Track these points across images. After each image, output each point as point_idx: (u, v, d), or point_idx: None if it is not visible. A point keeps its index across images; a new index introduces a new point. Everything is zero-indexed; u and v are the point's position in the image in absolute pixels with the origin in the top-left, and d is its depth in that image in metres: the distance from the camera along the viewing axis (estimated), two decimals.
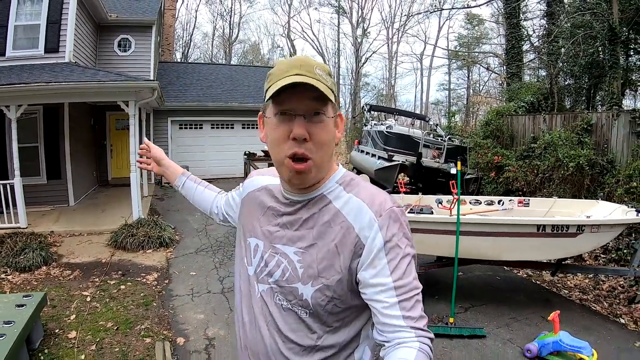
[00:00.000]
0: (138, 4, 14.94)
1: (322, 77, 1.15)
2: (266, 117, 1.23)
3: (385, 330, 1.11)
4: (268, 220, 1.33)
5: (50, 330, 4.68)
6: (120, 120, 14.12)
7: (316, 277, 1.18)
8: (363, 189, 1.26)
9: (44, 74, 8.96)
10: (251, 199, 1.45)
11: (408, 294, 1.11)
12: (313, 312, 1.20)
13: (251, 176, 1.54)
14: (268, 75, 1.21)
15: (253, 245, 1.35)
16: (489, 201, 6.85)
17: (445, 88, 37.38)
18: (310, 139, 1.15)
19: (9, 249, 6.99)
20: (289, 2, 38.85)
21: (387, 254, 1.13)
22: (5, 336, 3.51)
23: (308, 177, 1.19)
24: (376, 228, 1.15)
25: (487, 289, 6.29)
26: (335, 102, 1.23)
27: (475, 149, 11.47)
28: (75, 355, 4.22)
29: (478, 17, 27.89)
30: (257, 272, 1.31)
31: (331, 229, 1.20)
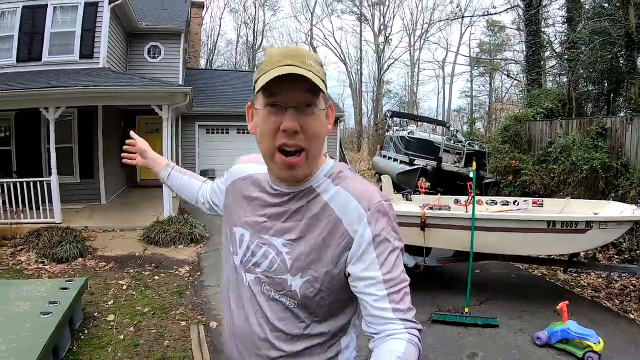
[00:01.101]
0: (167, 12, 15.50)
1: (314, 67, 1.11)
2: (255, 108, 1.19)
3: (374, 323, 1.12)
4: (254, 210, 1.31)
5: (90, 314, 5.04)
6: (149, 123, 14.60)
7: (305, 269, 1.18)
8: (351, 181, 1.24)
9: (80, 79, 9.47)
10: (236, 188, 1.42)
11: (397, 287, 1.13)
12: (301, 303, 1.20)
13: (237, 162, 1.50)
14: (257, 65, 1.18)
15: (238, 234, 1.33)
16: (504, 201, 7.06)
17: (467, 95, 37.26)
18: (302, 130, 1.12)
19: (46, 242, 7.44)
20: (312, 10, 39.35)
21: (376, 247, 1.14)
22: (52, 314, 3.84)
23: (299, 170, 1.17)
24: (365, 222, 1.15)
25: (502, 285, 6.51)
26: (326, 93, 1.20)
27: (494, 153, 11.67)
28: (115, 336, 4.56)
29: (499, 24, 27.81)
30: (243, 261, 1.30)
31: (319, 222, 1.19)
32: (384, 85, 37.65)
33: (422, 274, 6.03)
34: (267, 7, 39.54)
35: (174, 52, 14.70)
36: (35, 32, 10.53)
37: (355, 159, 25.13)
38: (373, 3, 36.64)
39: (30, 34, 10.54)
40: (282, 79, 1.07)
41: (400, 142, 13.98)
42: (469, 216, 5.40)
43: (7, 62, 10.46)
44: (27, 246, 7.50)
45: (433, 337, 4.76)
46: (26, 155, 10.65)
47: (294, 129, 1.10)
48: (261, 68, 1.13)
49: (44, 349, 3.28)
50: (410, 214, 5.96)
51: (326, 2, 39.20)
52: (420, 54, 38.11)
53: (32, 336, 3.43)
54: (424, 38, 36.56)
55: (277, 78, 1.07)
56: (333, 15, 40.32)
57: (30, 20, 10.53)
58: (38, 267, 6.79)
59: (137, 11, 13.73)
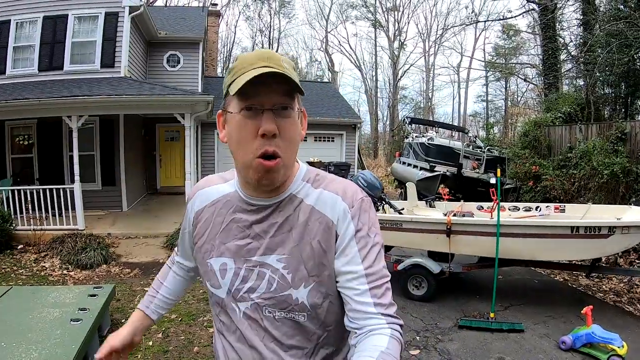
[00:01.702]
0: (185, 22, 15.73)
1: (289, 70, 1.07)
2: (229, 112, 1.13)
3: (357, 318, 1.11)
4: (232, 234, 1.23)
5: (117, 320, 5.10)
6: (168, 131, 14.80)
7: (307, 278, 1.15)
8: (331, 181, 1.24)
9: (102, 87, 9.63)
10: (205, 217, 1.30)
11: (379, 282, 1.12)
12: (311, 314, 1.17)
13: (198, 189, 1.36)
14: (229, 69, 1.13)
15: (217, 265, 1.24)
16: (527, 207, 7.05)
17: (483, 100, 37.10)
18: (279, 134, 1.08)
19: (70, 248, 7.57)
20: (327, 17, 39.49)
21: (357, 242, 1.14)
22: (82, 321, 3.89)
23: (278, 175, 1.12)
24: (349, 218, 1.16)
25: (525, 291, 6.48)
26: (300, 99, 1.17)
27: (514, 159, 11.61)
28: (143, 342, 4.58)
29: (514, 28, 27.67)
30: (232, 292, 1.22)
31: (309, 227, 1.17)
32: (399, 91, 37.62)
33: (447, 279, 6.07)
34: (282, 14, 39.74)
35: (193, 61, 14.88)
36: (57, 42, 10.76)
37: (372, 165, 25.07)
38: (387, 9, 36.73)
39: (51, 43, 10.77)
40: (259, 81, 1.03)
41: (420, 148, 13.93)
42: (494, 222, 5.41)
43: (29, 71, 10.70)
44: (51, 252, 7.64)
45: (460, 342, 4.77)
46: (48, 163, 10.87)
47: (273, 132, 1.06)
48: (234, 72, 1.09)
49: (76, 355, 3.32)
50: (436, 221, 5.99)
51: (341, 9, 39.65)
52: (435, 60, 38.13)
53: (64, 343, 3.48)
54: (438, 43, 36.54)
55: (253, 81, 1.02)
56: (348, 21, 40.67)
57: (52, 30, 10.76)
58: (62, 273, 6.90)
59: (157, 21, 13.94)
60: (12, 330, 3.70)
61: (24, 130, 10.88)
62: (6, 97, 8.89)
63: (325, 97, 19.20)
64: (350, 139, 17.68)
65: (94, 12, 10.86)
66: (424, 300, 5.86)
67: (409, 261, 5.93)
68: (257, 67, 1.04)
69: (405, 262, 5.93)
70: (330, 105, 18.24)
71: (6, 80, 10.54)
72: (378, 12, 37.04)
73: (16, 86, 10.02)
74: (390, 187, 17.36)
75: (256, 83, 1.03)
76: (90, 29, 10.94)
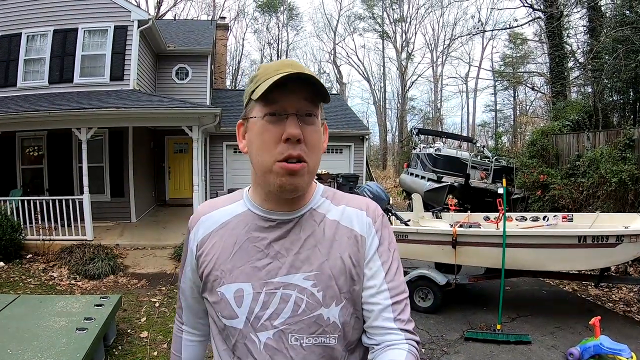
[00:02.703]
0: (194, 35, 15.92)
1: (314, 74, 1.05)
2: (251, 119, 1.10)
3: (376, 333, 1.10)
4: (247, 256, 1.13)
5: (123, 331, 5.12)
6: (177, 144, 14.92)
7: (338, 295, 1.10)
8: (352, 199, 1.23)
9: (111, 100, 9.74)
10: (213, 242, 1.18)
11: (400, 297, 1.12)
12: (341, 335, 1.11)
13: (195, 223, 1.24)
14: (252, 77, 1.12)
15: (231, 293, 1.12)
16: (534, 217, 7.01)
17: (491, 109, 36.98)
18: (304, 140, 1.04)
19: (78, 258, 7.63)
20: (334, 29, 39.74)
21: (380, 256, 1.14)
22: (87, 330, 3.92)
23: (302, 181, 1.07)
24: (373, 232, 1.16)
25: (533, 301, 6.42)
26: (323, 109, 1.15)
27: (522, 168, 11.56)
28: (148, 352, 4.62)
29: (521, 37, 27.63)
30: (251, 320, 1.10)
31: (337, 242, 1.13)
32: (407, 102, 37.65)
33: (452, 291, 6.03)
34: (290, 27, 40.08)
35: (201, 74, 15.01)
36: (67, 55, 10.93)
37: (380, 176, 25.05)
38: (395, 20, 36.89)
39: (61, 56, 10.95)
40: (282, 86, 1.01)
41: (428, 159, 13.93)
42: (500, 233, 5.37)
43: (40, 83, 10.87)
44: (60, 262, 7.70)
45: (466, 354, 4.73)
46: (58, 174, 11.01)
47: (298, 136, 1.02)
48: (257, 79, 1.07)
49: None
50: (442, 232, 5.97)
51: (348, 21, 39.72)
52: (443, 70, 38.11)
53: (69, 351, 3.51)
54: (446, 54, 36.53)
55: (277, 84, 1.00)
56: (355, 33, 40.69)
57: (62, 43, 10.95)
58: (70, 283, 6.95)
59: (165, 34, 14.13)
60: (19, 338, 3.75)
61: (35, 141, 11.08)
62: (17, 109, 9.06)
63: (333, 108, 19.25)
64: (359, 151, 17.70)
65: (104, 25, 11.04)
66: (430, 312, 5.84)
67: (415, 273, 5.90)
68: (282, 72, 1.01)
69: (411, 274, 5.89)
70: (338, 117, 18.29)
71: (17, 92, 10.71)
72: (385, 24, 37.31)
73: (27, 98, 10.17)
74: (399, 198, 17.34)
75: (280, 88, 1.01)
76: (100, 43, 11.12)
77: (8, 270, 7.48)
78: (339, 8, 50.55)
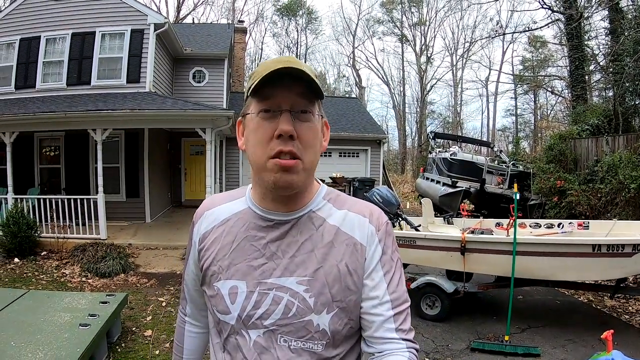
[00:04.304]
0: (211, 38, 16.09)
1: (309, 70, 1.04)
2: (247, 115, 1.10)
3: (376, 342, 1.08)
4: (244, 254, 1.13)
5: (128, 328, 5.19)
6: (194, 146, 15.06)
7: (330, 303, 1.08)
8: (355, 203, 1.20)
9: (127, 102, 9.91)
10: (214, 238, 1.20)
11: (401, 307, 1.10)
12: (330, 342, 1.09)
13: (199, 216, 1.27)
14: (250, 75, 1.10)
15: (226, 289, 1.13)
16: (548, 224, 6.77)
17: (511, 114, 36.53)
18: (297, 138, 1.03)
19: (91, 257, 7.79)
20: (353, 33, 39.75)
21: (383, 266, 1.12)
22: (90, 326, 3.98)
23: (296, 177, 1.05)
24: (376, 241, 1.13)
25: (545, 312, 6.21)
26: (321, 106, 1.14)
27: (539, 174, 11.37)
28: (150, 350, 4.66)
29: (541, 39, 27.22)
30: (242, 318, 1.11)
31: (335, 249, 1.11)
32: (427, 106, 37.51)
33: (462, 299, 5.87)
34: (309, 30, 40.25)
35: (218, 77, 15.17)
36: (84, 58, 11.20)
37: (399, 181, 24.92)
38: (414, 24, 36.77)
39: (79, 59, 11.22)
40: (277, 81, 1.01)
41: (443, 163, 13.79)
42: (510, 240, 5.20)
43: (58, 85, 11.18)
44: (72, 260, 7.88)
45: None
46: (75, 173, 11.28)
47: (290, 133, 1.01)
48: (254, 76, 1.05)
49: (79, 358, 3.41)
50: (450, 238, 5.80)
51: (367, 25, 39.68)
52: (463, 73, 37.89)
53: (70, 346, 3.57)
54: (466, 57, 36.29)
55: (270, 78, 1.00)
56: (374, 37, 40.65)
57: (80, 46, 11.22)
58: (81, 280, 7.08)
59: (183, 38, 14.34)
60: (23, 331, 3.83)
61: (52, 141, 11.39)
62: (35, 110, 9.29)
63: (350, 112, 19.25)
64: (375, 155, 17.66)
65: (121, 29, 11.26)
66: (438, 320, 5.69)
67: (422, 279, 5.77)
68: (276, 68, 1.00)
69: (418, 281, 5.78)
70: (355, 121, 18.29)
71: (36, 94, 11.03)
72: (404, 27, 37.29)
73: (45, 99, 10.47)
74: (416, 203, 17.21)
75: (274, 84, 1.02)
76: (117, 46, 11.35)
77: (22, 266, 7.68)
78: (358, 12, 50.66)
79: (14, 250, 8.12)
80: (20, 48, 11.33)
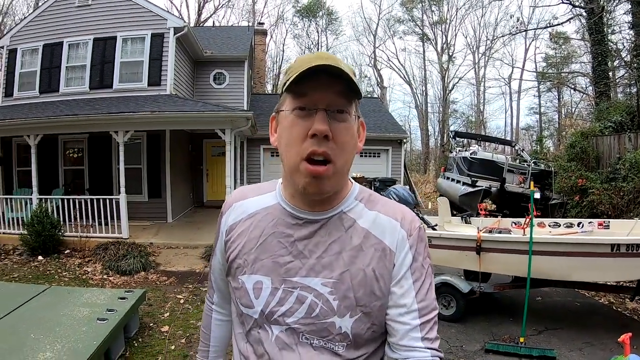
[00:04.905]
0: (231, 41, 16.34)
1: (348, 69, 1.01)
2: (281, 112, 1.07)
3: (401, 349, 1.06)
4: (270, 249, 1.12)
5: (145, 324, 5.32)
6: (215, 147, 15.26)
7: (354, 307, 1.07)
8: (386, 204, 1.16)
9: (148, 104, 10.13)
10: (241, 231, 1.19)
11: (429, 316, 1.08)
12: (351, 344, 1.08)
13: (227, 208, 1.26)
14: (286, 70, 1.07)
15: (251, 284, 1.13)
16: (568, 224, 6.59)
17: (535, 112, 35.92)
18: (332, 138, 1.00)
19: (112, 255, 8.00)
20: (374, 33, 39.70)
21: (413, 273, 1.09)
22: (107, 321, 4.12)
23: (327, 183, 1.03)
24: (407, 247, 1.10)
25: (564, 314, 6.04)
26: (358, 105, 1.11)
27: (560, 172, 11.21)
28: (166, 345, 4.77)
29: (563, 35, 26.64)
30: (266, 313, 1.10)
31: (364, 252, 1.09)
32: (449, 106, 37.15)
33: (478, 300, 5.75)
34: (330, 31, 40.37)
35: (239, 78, 15.37)
36: (106, 62, 11.50)
37: (421, 181, 24.76)
38: (435, 22, 36.50)
39: (101, 63, 11.53)
40: (315, 79, 0.98)
41: (463, 163, 13.64)
42: (526, 239, 5.07)
43: (81, 89, 11.49)
44: (94, 258, 8.10)
45: None
46: (98, 174, 11.59)
47: (325, 133, 0.98)
48: (290, 71, 1.02)
49: (95, 351, 3.54)
50: (466, 238, 5.69)
51: (388, 24, 39.52)
52: (485, 72, 37.34)
53: (87, 339, 3.71)
54: (488, 55, 35.80)
55: (306, 74, 0.97)
56: (395, 36, 40.41)
57: (101, 51, 11.53)
58: (102, 277, 7.29)
59: (203, 41, 14.57)
60: (43, 325, 3.99)
61: (76, 143, 11.74)
62: (58, 113, 9.58)
63: (370, 112, 19.20)
64: (396, 154, 17.57)
65: (141, 33, 11.52)
66: (453, 320, 5.57)
67: (437, 279, 5.61)
68: (315, 64, 0.97)
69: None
70: (376, 121, 18.24)
71: (60, 98, 11.39)
72: (425, 26, 37.00)
73: (69, 103, 10.77)
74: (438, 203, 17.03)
75: (311, 81, 0.99)
76: (138, 50, 11.61)
77: (45, 264, 7.95)
78: (378, 11, 50.40)
79: (38, 249, 8.39)
80: (44, 54, 11.72)
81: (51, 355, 3.38)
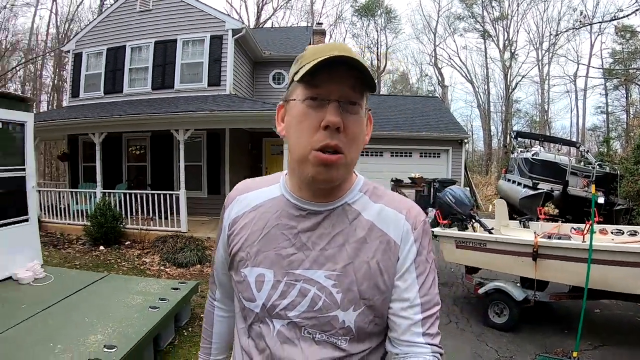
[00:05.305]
0: (290, 41, 16.59)
1: (362, 60, 0.99)
2: (291, 101, 1.06)
3: (402, 344, 1.06)
4: (273, 242, 1.11)
5: (197, 315, 5.45)
6: (274, 146, 15.48)
7: (358, 300, 1.06)
8: (392, 197, 1.16)
9: (207, 104, 10.46)
10: (244, 223, 1.18)
11: (431, 311, 1.07)
12: (354, 338, 1.07)
13: (230, 201, 1.26)
14: (298, 58, 1.06)
15: (253, 277, 1.12)
16: (632, 231, 6.10)
17: (602, 111, 33.47)
18: (344, 130, 1.00)
19: (170, 247, 8.31)
20: (434, 30, 38.77)
21: (416, 267, 1.08)
22: (159, 309, 4.30)
23: (336, 173, 1.03)
24: (412, 240, 1.09)
25: (624, 329, 5.60)
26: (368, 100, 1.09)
27: (626, 175, 10.58)
28: None
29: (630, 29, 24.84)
30: (267, 307, 1.09)
31: (368, 245, 1.08)
32: (512, 105, 35.72)
33: (532, 309, 5.48)
34: (389, 30, 39.84)
35: None
36: (167, 64, 12.00)
37: (482, 183, 24.07)
38: (496, 18, 35.32)
39: (162, 65, 12.04)
40: (328, 70, 0.98)
41: (525, 164, 13.11)
42: (586, 247, 4.71)
43: (144, 90, 12.10)
44: (153, 250, 8.47)
45: None
46: (159, 171, 12.17)
47: (337, 125, 0.97)
48: (302, 60, 1.02)
49: (144, 336, 3.71)
50: (522, 242, 5.38)
51: (448, 21, 38.54)
52: (549, 69, 35.53)
53: (138, 325, 3.89)
54: (551, 51, 34.04)
55: (321, 66, 0.96)
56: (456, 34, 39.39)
57: (162, 53, 12.05)
58: (159, 269, 7.60)
59: (262, 42, 14.84)
60: (98, 309, 4.20)
61: (139, 141, 12.37)
62: (121, 113, 10.10)
63: (430, 111, 18.93)
64: (457, 155, 17.19)
65: (200, 36, 11.92)
66: (505, 329, 5.30)
67: (491, 285, 5.44)
68: (331, 55, 0.96)
69: (486, 286, 5.47)
70: (436, 120, 17.95)
71: (123, 98, 12.03)
72: (486, 22, 35.77)
73: (132, 103, 11.36)
74: None
75: (325, 72, 0.98)
76: (198, 51, 12.02)
77: (106, 253, 8.40)
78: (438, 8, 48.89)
79: (100, 239, 8.91)
80: (108, 57, 12.43)
81: (102, 337, 3.56)
